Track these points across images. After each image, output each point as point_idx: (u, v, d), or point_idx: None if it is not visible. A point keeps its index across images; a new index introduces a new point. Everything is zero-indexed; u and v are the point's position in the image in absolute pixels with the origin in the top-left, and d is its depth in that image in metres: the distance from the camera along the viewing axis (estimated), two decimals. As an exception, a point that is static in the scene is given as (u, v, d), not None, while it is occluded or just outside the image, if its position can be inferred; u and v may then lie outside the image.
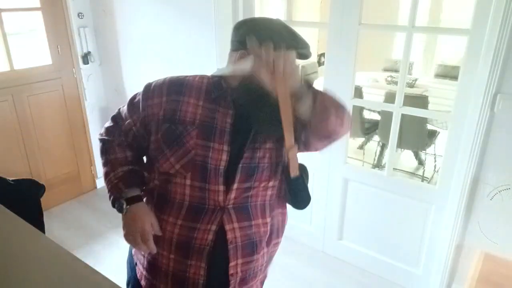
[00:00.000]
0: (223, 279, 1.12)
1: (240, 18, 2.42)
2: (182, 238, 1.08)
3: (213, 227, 1.07)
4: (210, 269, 1.10)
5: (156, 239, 1.10)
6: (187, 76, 1.11)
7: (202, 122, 1.05)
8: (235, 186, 1.06)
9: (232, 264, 1.10)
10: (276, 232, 1.23)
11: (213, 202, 1.07)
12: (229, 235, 1.08)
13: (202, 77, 1.11)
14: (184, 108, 1.05)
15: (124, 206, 1.10)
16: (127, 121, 1.14)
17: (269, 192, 1.14)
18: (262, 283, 1.30)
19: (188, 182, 1.06)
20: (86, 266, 0.84)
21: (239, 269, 1.12)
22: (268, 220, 1.16)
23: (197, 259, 1.09)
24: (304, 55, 1.10)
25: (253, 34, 0.93)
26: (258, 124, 1.05)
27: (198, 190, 1.06)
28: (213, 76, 1.11)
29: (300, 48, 1.07)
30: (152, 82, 1.13)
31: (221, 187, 1.06)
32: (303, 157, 1.22)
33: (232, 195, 1.07)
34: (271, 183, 1.13)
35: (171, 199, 1.09)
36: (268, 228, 1.17)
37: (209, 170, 1.04)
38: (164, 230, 1.10)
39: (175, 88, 1.08)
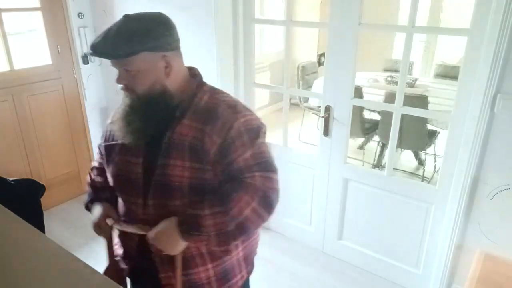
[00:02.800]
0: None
1: (240, 18, 2.42)
2: (121, 241, 1.22)
3: (135, 236, 1.13)
4: (135, 275, 1.21)
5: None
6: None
7: (122, 140, 1.11)
8: (149, 202, 1.07)
9: (162, 275, 1.13)
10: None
11: (133, 216, 1.12)
12: (153, 247, 1.09)
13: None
14: (111, 127, 1.16)
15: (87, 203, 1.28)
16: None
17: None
18: None
19: (118, 194, 1.17)
20: (86, 266, 0.84)
21: (173, 280, 1.12)
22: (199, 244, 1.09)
23: (124, 262, 1.21)
24: (157, 47, 1.04)
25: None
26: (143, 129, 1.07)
27: (123, 200, 1.16)
28: None
29: (146, 49, 1.01)
30: None
31: (140, 200, 1.09)
32: (302, 156, 1.23)
33: (150, 210, 1.08)
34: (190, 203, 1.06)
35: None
36: (203, 248, 1.11)
37: (131, 182, 1.10)
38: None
39: (113, 114, 1.17)
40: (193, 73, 1.18)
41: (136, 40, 1.00)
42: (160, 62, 1.05)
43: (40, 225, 1.61)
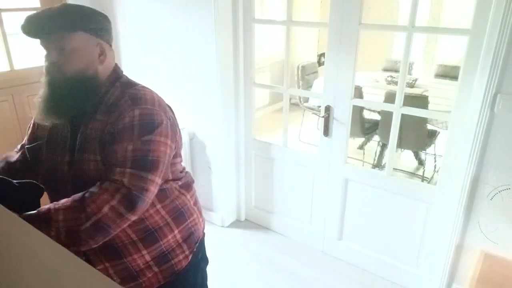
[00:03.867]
0: None
1: (240, 17, 2.42)
2: None
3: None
4: None
5: None
6: None
7: (48, 137, 1.16)
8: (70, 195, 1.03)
9: (99, 268, 1.13)
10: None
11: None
12: None
13: None
14: (42, 127, 1.20)
15: None
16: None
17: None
18: (170, 271, 1.22)
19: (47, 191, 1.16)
20: (86, 266, 0.84)
21: (111, 271, 1.15)
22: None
23: None
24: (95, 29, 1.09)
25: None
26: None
27: (51, 199, 1.16)
28: None
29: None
30: None
31: (61, 193, 1.08)
32: (302, 156, 1.23)
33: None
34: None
35: None
36: (133, 236, 1.15)
37: (58, 180, 1.13)
38: None
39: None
40: (115, 70, 1.19)
41: (76, 18, 1.04)
42: (95, 47, 1.09)
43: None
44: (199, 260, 1.33)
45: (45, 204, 1.06)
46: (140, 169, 1.02)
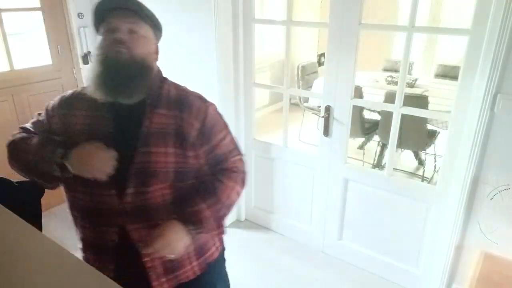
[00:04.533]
0: (138, 273, 1.13)
1: (240, 18, 2.43)
2: (95, 241, 1.15)
3: (115, 229, 1.10)
4: (119, 267, 1.13)
5: (81, 240, 1.19)
6: (76, 90, 1.21)
7: (87, 131, 1.10)
8: (128, 190, 1.07)
9: (146, 259, 1.12)
10: None
11: (106, 206, 1.09)
12: (134, 235, 1.10)
13: (88, 86, 1.16)
14: (73, 121, 1.13)
15: (66, 163, 1.07)
16: (36, 129, 1.21)
17: (171, 191, 1.12)
18: (198, 267, 1.24)
19: (79, 188, 1.12)
20: (86, 266, 0.84)
21: (157, 262, 1.13)
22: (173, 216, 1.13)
23: (106, 259, 1.14)
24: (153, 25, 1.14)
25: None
26: (123, 95, 1.07)
27: (88, 194, 1.11)
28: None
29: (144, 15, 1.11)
30: (49, 102, 1.22)
31: (112, 191, 1.08)
32: (302, 156, 1.25)
33: (127, 199, 1.08)
34: (170, 188, 1.11)
35: (71, 202, 1.18)
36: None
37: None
38: (83, 234, 1.17)
39: (63, 103, 1.17)
40: (159, 71, 1.23)
41: (151, 14, 1.12)
42: (154, 45, 1.16)
43: (39, 227, 1.61)
44: (223, 251, 1.39)
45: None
46: (241, 153, 1.24)
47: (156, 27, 1.15)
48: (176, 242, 1.07)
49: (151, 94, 1.12)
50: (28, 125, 1.23)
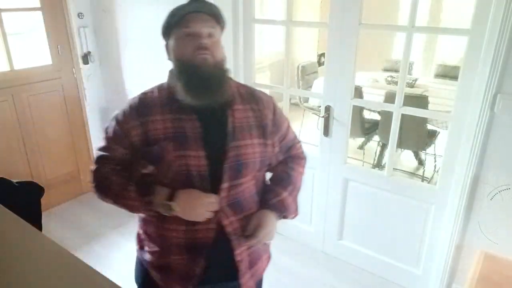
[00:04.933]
0: (228, 268, 1.17)
1: (240, 18, 2.42)
2: (188, 241, 1.14)
3: (212, 225, 1.12)
4: (211, 263, 1.15)
5: (167, 244, 1.16)
6: (146, 93, 1.18)
7: (173, 134, 1.09)
8: (223, 185, 1.11)
9: (237, 251, 1.15)
10: None
11: None
12: (228, 229, 1.14)
13: (159, 88, 1.18)
14: (153, 127, 1.10)
15: (172, 205, 1.07)
16: (118, 150, 1.17)
17: (255, 182, 1.20)
18: (268, 259, 1.36)
19: None
20: (86, 266, 0.84)
21: (245, 254, 1.18)
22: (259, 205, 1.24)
23: (200, 257, 1.15)
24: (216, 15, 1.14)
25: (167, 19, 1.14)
26: (210, 98, 1.09)
27: None
28: (168, 85, 1.18)
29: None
30: (118, 112, 1.17)
31: (208, 188, 1.10)
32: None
33: (223, 194, 1.11)
34: (254, 178, 1.20)
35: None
36: None
37: (194, 177, 1.09)
38: (171, 238, 1.15)
39: (139, 110, 1.13)
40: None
41: (224, 20, 1.16)
42: (223, 48, 1.17)
43: (38, 227, 1.62)
44: None
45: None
46: (300, 140, 1.38)
47: (223, 28, 1.18)
48: (274, 229, 1.18)
49: (230, 91, 1.17)
50: (105, 153, 1.20)
